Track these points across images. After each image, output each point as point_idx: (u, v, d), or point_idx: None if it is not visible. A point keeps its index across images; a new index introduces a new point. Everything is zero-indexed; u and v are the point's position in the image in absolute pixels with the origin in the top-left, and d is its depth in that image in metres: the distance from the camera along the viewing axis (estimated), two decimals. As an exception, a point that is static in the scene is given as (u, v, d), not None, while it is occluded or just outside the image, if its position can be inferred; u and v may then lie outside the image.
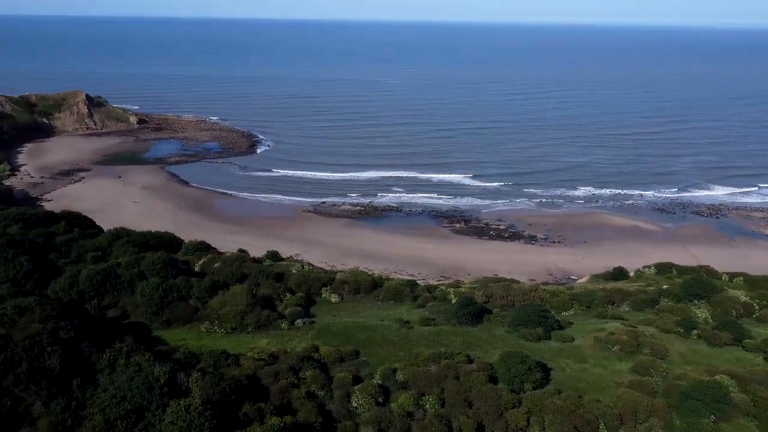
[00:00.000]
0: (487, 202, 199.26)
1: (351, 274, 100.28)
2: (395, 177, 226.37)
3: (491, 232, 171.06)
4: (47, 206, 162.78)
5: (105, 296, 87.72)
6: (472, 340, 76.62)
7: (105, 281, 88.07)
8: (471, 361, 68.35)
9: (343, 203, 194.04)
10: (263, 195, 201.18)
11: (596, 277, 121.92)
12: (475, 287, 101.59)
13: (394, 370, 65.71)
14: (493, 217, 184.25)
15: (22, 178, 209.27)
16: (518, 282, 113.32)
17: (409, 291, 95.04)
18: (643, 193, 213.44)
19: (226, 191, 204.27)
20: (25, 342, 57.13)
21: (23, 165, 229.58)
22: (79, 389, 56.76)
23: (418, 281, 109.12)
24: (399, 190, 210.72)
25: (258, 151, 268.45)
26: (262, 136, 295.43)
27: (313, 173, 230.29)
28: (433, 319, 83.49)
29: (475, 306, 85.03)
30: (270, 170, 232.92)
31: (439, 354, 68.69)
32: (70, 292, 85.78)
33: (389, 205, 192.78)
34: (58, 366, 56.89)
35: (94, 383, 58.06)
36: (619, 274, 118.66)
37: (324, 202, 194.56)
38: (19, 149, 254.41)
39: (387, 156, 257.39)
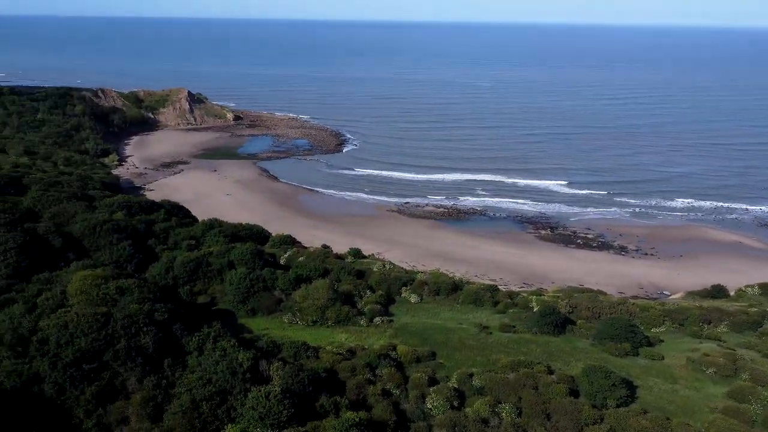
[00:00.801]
0: (575, 209, 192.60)
1: (432, 276, 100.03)
2: (480, 180, 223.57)
3: (579, 241, 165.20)
4: (149, 195, 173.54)
5: (196, 283, 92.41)
6: (553, 350, 74.31)
7: (197, 268, 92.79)
8: (551, 372, 66.30)
9: (427, 204, 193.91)
10: (348, 193, 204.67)
11: (692, 294, 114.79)
12: (558, 296, 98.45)
13: (471, 375, 64.87)
14: (581, 225, 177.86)
15: (128, 168, 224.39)
16: (605, 294, 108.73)
17: (489, 296, 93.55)
18: (749, 207, 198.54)
19: (312, 188, 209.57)
20: (124, 321, 61.17)
21: (130, 156, 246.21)
22: (170, 369, 60.08)
23: (499, 286, 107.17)
24: (483, 193, 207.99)
25: (345, 149, 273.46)
26: (349, 135, 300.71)
27: (398, 173, 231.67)
28: (513, 326, 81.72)
29: (558, 316, 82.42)
30: (356, 169, 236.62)
31: (518, 362, 67.11)
32: (165, 276, 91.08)
33: (473, 208, 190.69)
34: (151, 345, 60.50)
35: (183, 364, 61.27)
36: (717, 291, 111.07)
37: (407, 203, 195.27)
38: (127, 141, 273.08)
39: (472, 159, 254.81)
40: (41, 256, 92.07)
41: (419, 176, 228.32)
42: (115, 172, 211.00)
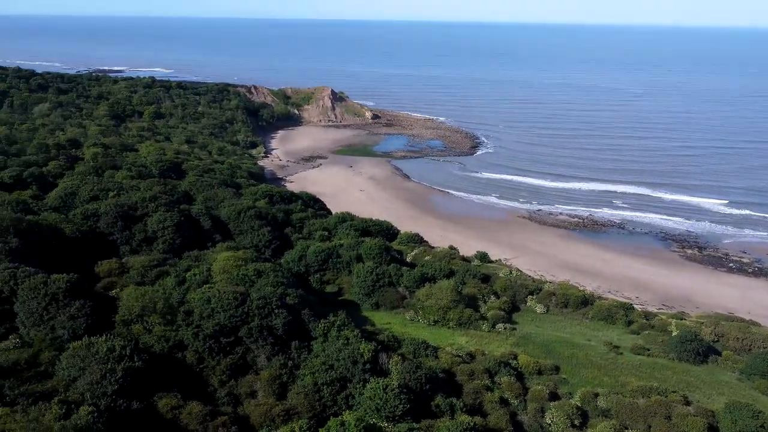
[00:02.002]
0: (730, 230, 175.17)
1: (560, 287, 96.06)
2: (620, 192, 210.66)
3: (731, 264, 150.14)
4: (289, 186, 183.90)
5: (326, 272, 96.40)
6: (691, 380, 68.20)
7: (328, 259, 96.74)
8: (688, 403, 60.88)
9: (560, 213, 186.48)
10: (479, 196, 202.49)
11: None
12: (702, 323, 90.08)
13: (596, 395, 61.39)
14: (735, 247, 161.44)
15: (272, 160, 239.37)
16: (759, 325, 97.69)
17: (623, 314, 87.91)
18: None
19: (443, 189, 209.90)
20: (259, 301, 65.22)
21: (275, 149, 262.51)
22: (296, 351, 63.16)
23: (634, 305, 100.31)
24: (623, 205, 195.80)
25: (479, 152, 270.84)
26: (484, 139, 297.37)
27: (531, 179, 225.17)
28: (648, 349, 76.10)
29: (701, 343, 75.46)
30: (488, 172, 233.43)
31: (650, 388, 62.37)
32: (298, 264, 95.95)
33: (611, 221, 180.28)
34: (281, 327, 63.95)
35: (308, 348, 64.14)
36: None
37: (540, 210, 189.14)
38: (273, 135, 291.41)
39: (613, 170, 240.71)
40: (192, 235, 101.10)
41: (554, 184, 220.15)
42: (260, 163, 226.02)
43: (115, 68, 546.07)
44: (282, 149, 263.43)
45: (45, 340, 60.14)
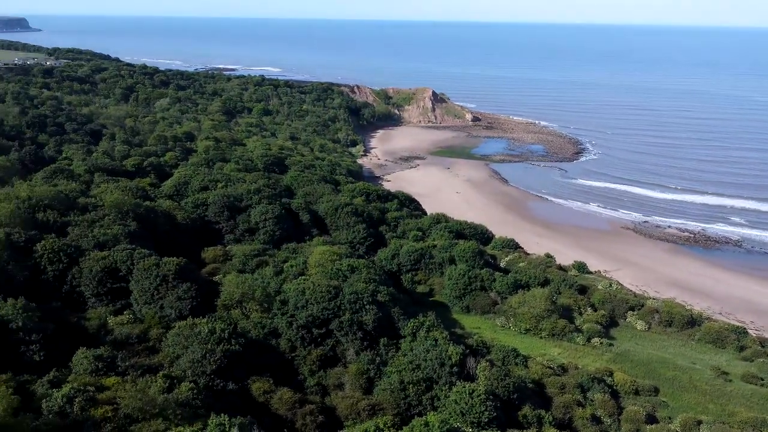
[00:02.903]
0: None
1: (665, 304, 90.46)
2: (738, 207, 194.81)
3: None
4: (386, 185, 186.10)
5: (418, 272, 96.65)
6: (812, 417, 61.94)
7: (420, 259, 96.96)
8: (806, 442, 55.41)
9: (669, 226, 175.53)
10: (579, 204, 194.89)
11: None
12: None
13: (699, 423, 57.29)
14: None
15: (371, 159, 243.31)
16: None
17: (734, 338, 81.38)
18: None
19: (542, 195, 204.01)
20: (351, 296, 66.48)
21: (374, 148, 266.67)
22: (384, 348, 63.79)
23: (748, 330, 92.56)
24: (741, 222, 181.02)
25: (582, 159, 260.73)
26: (589, 145, 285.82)
27: (638, 189, 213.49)
28: (762, 379, 69.97)
29: (826, 378, 68.44)
30: (591, 180, 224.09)
31: (762, 421, 57.35)
32: (391, 262, 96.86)
33: (726, 237, 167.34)
34: (371, 323, 64.82)
35: (396, 346, 64.59)
36: None
37: (646, 222, 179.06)
38: (372, 134, 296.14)
39: (730, 183, 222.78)
40: (291, 228, 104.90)
41: (663, 195, 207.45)
42: (359, 161, 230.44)
43: (229, 67, 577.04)
44: (381, 148, 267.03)
45: (154, 318, 64.69)
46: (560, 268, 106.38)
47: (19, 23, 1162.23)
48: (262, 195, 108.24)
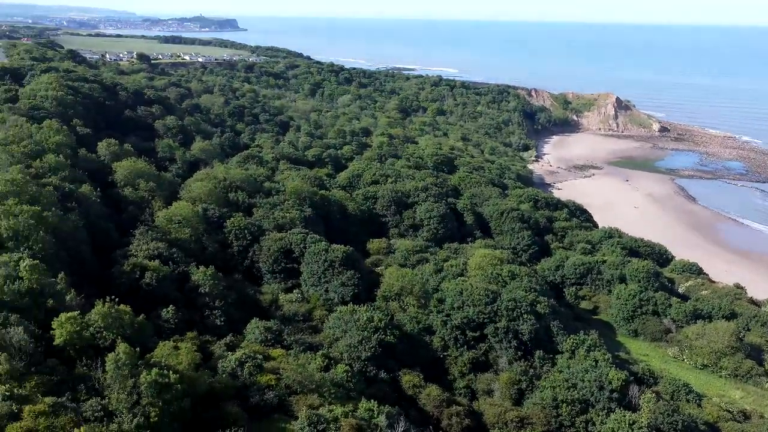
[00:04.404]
0: None
1: None
2: None
3: None
4: (556, 193, 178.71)
5: (583, 287, 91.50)
6: None
7: (587, 273, 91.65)
8: None
9: None
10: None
11: None
12: None
13: None
14: None
15: (542, 165, 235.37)
16: None
17: None
18: None
19: (736, 217, 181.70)
20: (509, 303, 64.92)
21: (546, 154, 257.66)
22: (539, 361, 61.40)
23: None
24: None
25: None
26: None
27: None
28: None
29: None
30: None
31: None
32: (554, 273, 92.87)
33: None
34: (528, 333, 62.74)
35: (552, 361, 61.84)
36: None
37: None
38: (546, 139, 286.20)
39: None
40: (455, 228, 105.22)
41: None
42: (530, 166, 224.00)
43: (408, 66, 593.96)
44: (554, 155, 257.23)
45: (319, 300, 68.89)
46: (752, 301, 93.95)
47: (229, 23, 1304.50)
48: (429, 193, 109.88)
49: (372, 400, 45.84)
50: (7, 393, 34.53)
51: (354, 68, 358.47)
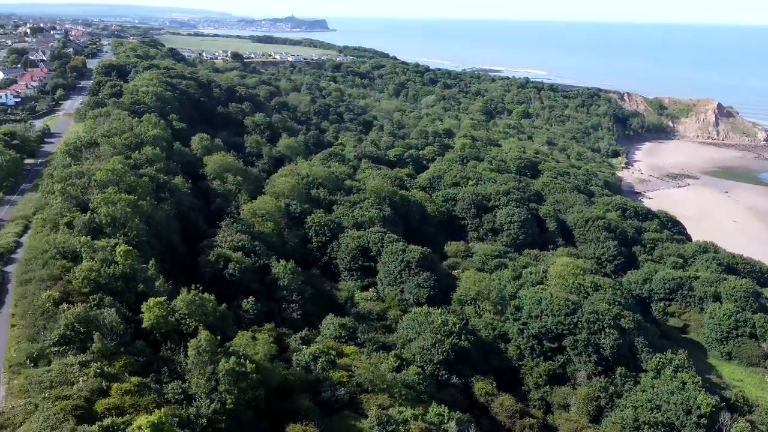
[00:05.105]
0: None
1: None
2: None
3: None
4: (646, 203, 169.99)
5: (672, 303, 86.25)
6: None
7: (677, 289, 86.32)
8: None
9: None
10: None
11: None
12: None
13: None
14: None
15: (632, 173, 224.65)
16: None
17: None
18: None
19: None
20: (591, 315, 62.27)
21: (637, 161, 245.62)
22: (621, 378, 58.47)
23: None
24: None
25: None
26: None
27: None
28: None
29: None
30: None
31: None
32: (642, 287, 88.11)
33: None
34: (609, 348, 59.93)
35: (635, 379, 58.77)
36: None
37: None
38: (638, 146, 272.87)
39: None
40: (536, 234, 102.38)
41: None
42: (619, 173, 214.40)
43: (495, 68, 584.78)
44: (645, 162, 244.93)
45: (394, 300, 68.92)
46: None
47: (319, 24, 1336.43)
48: (510, 197, 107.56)
49: (442, 405, 45.27)
50: (98, 370, 36.75)
51: (439, 69, 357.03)
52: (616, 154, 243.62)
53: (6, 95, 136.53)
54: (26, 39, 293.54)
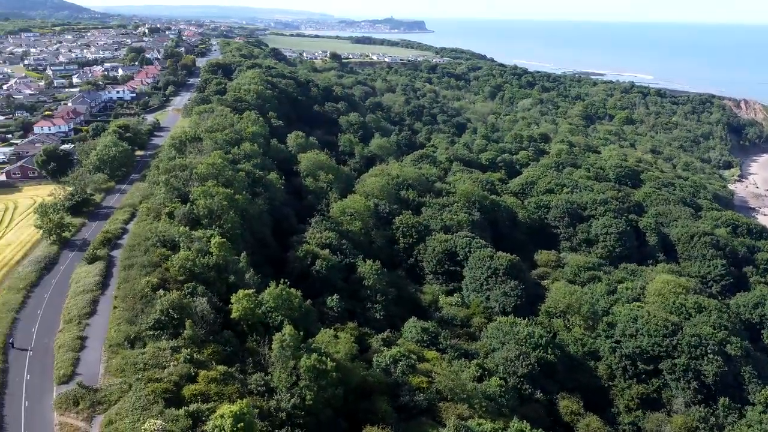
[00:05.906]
0: None
1: None
2: None
3: None
4: (761, 219, 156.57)
5: (787, 331, 78.75)
6: None
7: (794, 316, 78.68)
8: None
9: None
10: None
11: None
12: None
13: None
14: None
15: (746, 186, 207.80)
16: None
17: None
18: None
19: None
20: (692, 339, 57.86)
21: (753, 174, 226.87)
22: (724, 409, 53.92)
23: None
24: None
25: None
26: None
27: None
28: None
29: None
30: None
31: None
32: (752, 311, 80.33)
33: None
34: (712, 376, 55.40)
35: (740, 412, 54.02)
36: None
37: None
38: (755, 158, 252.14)
39: None
40: (634, 248, 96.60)
41: None
42: (731, 186, 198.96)
43: (597, 71, 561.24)
44: (762, 175, 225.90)
45: (479, 307, 67.30)
46: None
47: (417, 25, 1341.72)
48: (608, 207, 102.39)
49: (524, 421, 43.46)
50: (188, 356, 38.30)
51: (538, 72, 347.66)
52: (728, 166, 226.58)
53: (124, 90, 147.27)
54: (144, 38, 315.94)
